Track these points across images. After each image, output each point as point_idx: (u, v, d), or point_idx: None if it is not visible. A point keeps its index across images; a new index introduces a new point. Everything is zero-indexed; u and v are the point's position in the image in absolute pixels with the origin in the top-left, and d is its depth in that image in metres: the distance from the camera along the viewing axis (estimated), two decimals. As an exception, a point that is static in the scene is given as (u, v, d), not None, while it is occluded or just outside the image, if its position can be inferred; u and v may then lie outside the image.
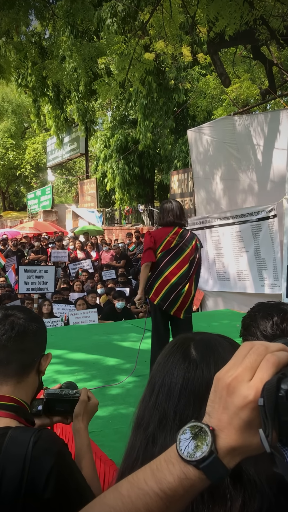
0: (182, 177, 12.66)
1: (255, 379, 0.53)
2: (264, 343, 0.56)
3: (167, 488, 0.55)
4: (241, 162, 7.03)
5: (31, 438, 0.95)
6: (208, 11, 4.21)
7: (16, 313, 1.16)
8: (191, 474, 0.54)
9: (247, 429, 0.53)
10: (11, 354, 1.10)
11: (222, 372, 0.56)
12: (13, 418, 1.05)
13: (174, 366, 0.76)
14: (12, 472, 0.92)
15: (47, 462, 0.94)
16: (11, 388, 1.09)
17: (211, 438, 0.54)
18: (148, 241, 3.53)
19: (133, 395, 3.36)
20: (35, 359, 1.16)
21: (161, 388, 0.76)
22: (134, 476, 0.59)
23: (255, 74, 11.76)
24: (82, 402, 1.23)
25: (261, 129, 6.59)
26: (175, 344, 0.81)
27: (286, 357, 0.54)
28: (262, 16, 4.55)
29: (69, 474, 0.98)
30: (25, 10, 7.04)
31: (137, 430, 0.78)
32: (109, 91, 6.83)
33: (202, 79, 13.01)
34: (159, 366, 0.79)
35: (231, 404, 0.53)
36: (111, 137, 16.66)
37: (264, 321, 1.28)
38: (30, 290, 6.20)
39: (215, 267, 7.51)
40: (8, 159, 27.59)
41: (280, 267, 6.18)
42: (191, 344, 0.78)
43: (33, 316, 1.20)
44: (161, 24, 5.61)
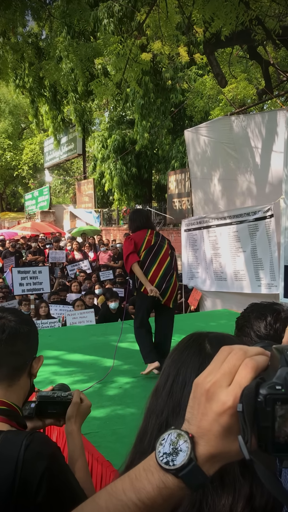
0: (180, 177, 12.67)
1: (234, 385, 0.51)
2: (243, 347, 0.55)
3: (145, 498, 0.54)
4: (239, 162, 7.03)
5: (23, 441, 0.95)
6: (204, 11, 4.21)
7: (7, 315, 1.15)
8: (170, 482, 0.53)
9: (227, 435, 0.51)
10: (2, 357, 1.09)
11: (201, 377, 0.55)
12: (5, 422, 1.04)
13: (190, 358, 0.77)
14: (4, 473, 0.91)
15: (40, 465, 0.93)
16: (2, 392, 1.08)
17: (190, 446, 0.53)
18: (128, 245, 3.82)
19: (130, 396, 3.35)
20: (27, 362, 1.15)
21: (175, 378, 0.77)
22: (112, 486, 0.58)
23: (252, 74, 11.78)
24: (74, 404, 1.23)
25: (259, 129, 6.60)
26: (190, 339, 0.82)
27: (264, 361, 0.53)
28: (258, 17, 4.55)
29: (61, 477, 0.98)
30: (21, 10, 7.04)
31: (149, 417, 0.78)
32: (106, 91, 6.84)
33: (199, 79, 13.02)
34: (173, 358, 0.80)
35: (210, 410, 0.52)
36: (109, 137, 16.66)
37: (257, 321, 1.28)
38: (26, 291, 6.20)
39: (212, 267, 7.52)
40: (5, 160, 27.55)
41: (277, 267, 6.19)
42: (205, 340, 0.80)
43: (24, 318, 1.19)
44: (157, 24, 5.61)
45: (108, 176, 16.64)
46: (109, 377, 3.72)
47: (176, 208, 12.78)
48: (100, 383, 3.58)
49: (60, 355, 4.35)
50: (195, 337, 0.82)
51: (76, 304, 6.87)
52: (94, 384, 3.54)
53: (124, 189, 16.76)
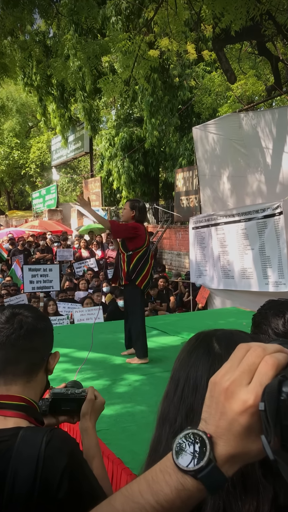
0: (187, 175, 12.62)
1: (254, 383, 0.50)
2: (261, 344, 0.53)
3: (164, 500, 0.52)
4: (248, 159, 6.98)
5: (44, 438, 0.94)
6: (214, 6, 4.17)
7: (23, 311, 1.14)
8: (189, 484, 0.52)
9: (247, 435, 0.50)
10: (20, 353, 1.09)
11: (218, 376, 0.53)
12: (23, 418, 1.03)
13: (199, 360, 0.75)
14: (25, 473, 0.91)
15: (61, 461, 0.93)
16: (20, 388, 1.07)
17: (209, 446, 0.51)
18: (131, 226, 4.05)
19: (140, 393, 3.34)
20: (44, 358, 1.15)
21: (186, 382, 0.75)
22: (128, 489, 0.56)
23: (261, 70, 11.68)
24: (89, 401, 1.22)
25: (269, 128, 6.54)
26: (197, 340, 0.80)
27: (284, 359, 0.51)
28: (268, 11, 4.50)
29: (81, 474, 0.97)
30: (29, 8, 7.04)
31: (162, 425, 0.76)
32: (113, 89, 6.81)
33: (207, 76, 12.94)
34: (182, 361, 0.78)
35: (229, 409, 0.51)
36: (116, 135, 16.63)
37: (275, 319, 1.26)
38: (36, 289, 6.22)
39: (219, 265, 7.48)
40: (13, 158, 27.64)
41: (286, 264, 6.14)
42: (213, 339, 0.77)
43: (40, 315, 1.19)
44: (165, 21, 5.58)
45: (115, 174, 16.62)
46: (118, 375, 3.72)
47: (184, 206, 12.74)
48: (109, 381, 3.58)
49: (70, 352, 4.36)
50: (202, 337, 0.79)
51: (85, 302, 6.88)
52: (78, 370, 3.54)
53: (131, 187, 16.74)
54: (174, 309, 8.34)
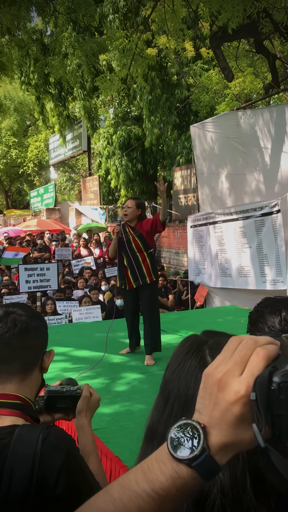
0: (185, 173, 12.62)
1: (246, 373, 0.52)
2: (253, 337, 0.55)
3: (159, 488, 0.54)
4: (247, 157, 6.98)
5: (40, 435, 0.95)
6: (211, 4, 4.16)
7: (17, 310, 1.14)
8: (184, 473, 0.53)
9: (239, 424, 0.52)
10: (15, 351, 1.09)
11: (212, 367, 0.55)
12: (19, 416, 1.04)
13: (190, 376, 0.73)
14: (22, 472, 0.91)
15: (57, 459, 0.93)
16: (15, 386, 1.08)
17: (203, 436, 0.53)
18: None
19: (138, 391, 3.35)
20: (39, 356, 1.15)
21: (176, 399, 0.73)
22: (125, 478, 0.58)
23: (258, 68, 11.68)
24: (85, 398, 1.23)
25: (266, 124, 6.54)
26: (190, 350, 0.77)
27: (275, 350, 0.53)
28: (265, 9, 4.49)
29: (78, 470, 0.98)
30: (26, 6, 7.02)
31: (150, 442, 0.75)
32: (111, 87, 6.80)
33: (204, 74, 12.93)
34: (174, 373, 0.76)
35: (222, 400, 0.52)
36: (114, 134, 16.61)
37: (272, 317, 1.26)
38: (32, 288, 6.19)
39: (217, 263, 7.48)
40: (10, 157, 27.57)
41: (284, 263, 6.14)
42: (206, 351, 0.75)
43: (34, 313, 1.19)
44: (163, 18, 5.57)
45: (114, 172, 16.60)
46: (117, 373, 3.72)
47: (182, 204, 12.74)
48: (108, 379, 3.58)
49: (68, 351, 4.36)
50: (194, 347, 0.77)
51: (84, 301, 6.88)
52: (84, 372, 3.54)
53: (130, 185, 16.73)
54: (173, 307, 8.35)
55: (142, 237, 3.99)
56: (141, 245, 3.97)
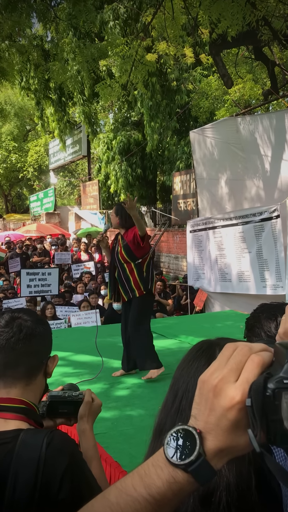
0: (185, 178, 12.66)
1: (241, 380, 0.53)
2: (247, 344, 0.56)
3: (156, 493, 0.55)
4: (246, 162, 7.01)
5: (44, 440, 0.96)
6: (210, 12, 4.21)
7: (22, 315, 1.16)
8: (180, 477, 0.54)
9: (234, 430, 0.53)
10: (20, 356, 1.10)
11: (207, 374, 0.56)
12: (23, 420, 1.05)
13: (199, 371, 0.72)
14: (26, 476, 0.92)
15: (61, 463, 0.94)
16: (20, 391, 1.09)
17: (199, 441, 0.54)
18: None
19: (138, 396, 3.35)
20: (43, 361, 1.16)
21: (184, 394, 0.74)
22: (122, 483, 0.59)
23: (257, 75, 11.75)
24: (87, 403, 1.24)
25: (266, 131, 6.58)
26: (200, 349, 0.79)
27: (270, 357, 0.55)
28: (264, 17, 4.54)
29: (82, 475, 0.99)
30: (27, 13, 7.07)
31: (158, 437, 0.76)
32: (111, 93, 6.84)
33: (204, 80, 13.01)
34: (183, 371, 0.77)
35: (218, 406, 0.53)
36: (113, 139, 16.68)
37: (268, 322, 1.28)
38: (33, 292, 6.20)
39: (217, 268, 7.50)
40: (10, 161, 27.65)
41: (283, 268, 6.15)
42: (216, 349, 0.76)
43: (39, 319, 1.20)
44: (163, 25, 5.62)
45: (113, 177, 16.66)
46: (117, 378, 3.72)
47: (181, 209, 12.77)
48: (108, 384, 3.58)
49: (67, 356, 4.36)
50: (205, 347, 0.79)
51: (82, 305, 6.88)
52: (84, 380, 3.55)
53: (129, 190, 16.78)
54: (172, 312, 8.35)
55: (127, 247, 3.75)
56: (126, 256, 3.74)
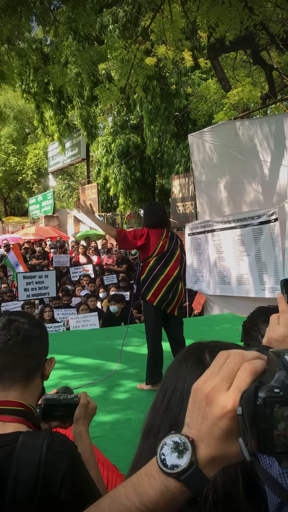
0: (183, 182, 12.68)
1: (233, 388, 0.53)
2: (240, 351, 0.57)
3: (148, 502, 0.55)
4: (245, 165, 7.03)
5: (44, 442, 0.96)
6: (208, 17, 4.23)
7: (19, 318, 1.17)
8: (172, 486, 0.54)
9: (227, 438, 0.53)
10: (18, 359, 1.11)
11: (200, 382, 0.56)
12: (22, 422, 1.05)
13: (187, 371, 0.75)
14: (26, 477, 0.92)
15: (62, 464, 0.95)
16: (18, 393, 1.09)
17: (191, 449, 0.54)
18: (140, 234, 3.62)
19: (136, 400, 3.35)
20: (40, 364, 1.17)
21: (173, 393, 0.74)
22: (115, 492, 0.59)
23: (256, 78, 11.80)
24: (82, 405, 1.24)
25: (265, 136, 6.60)
26: (189, 350, 0.79)
27: (262, 366, 0.54)
28: (262, 22, 4.57)
29: (81, 476, 1.00)
30: (27, 16, 7.10)
31: (147, 437, 0.76)
32: (110, 96, 6.86)
33: (202, 83, 13.06)
34: (171, 371, 0.78)
35: (210, 414, 0.54)
36: (112, 142, 16.72)
37: (265, 325, 1.28)
38: (31, 296, 6.19)
39: (216, 271, 7.50)
40: (9, 164, 27.68)
41: (281, 271, 6.17)
42: (205, 350, 0.77)
43: (36, 321, 1.21)
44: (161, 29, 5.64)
45: (112, 180, 16.69)
46: (115, 381, 3.72)
47: (180, 212, 12.79)
48: (106, 387, 3.58)
49: (66, 359, 4.36)
50: (193, 348, 0.79)
51: (81, 308, 6.88)
52: (95, 382, 3.54)
53: (128, 193, 16.81)
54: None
55: None
56: None
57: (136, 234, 3.63)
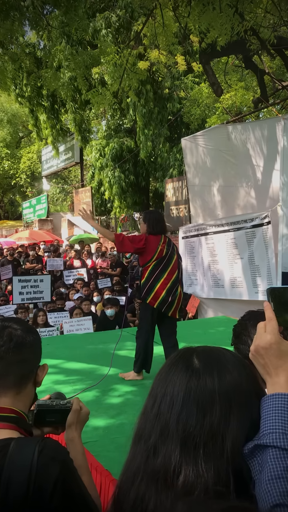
0: (177, 185, 12.72)
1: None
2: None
3: None
4: (238, 168, 7.07)
5: (36, 448, 0.96)
6: (200, 22, 4.27)
7: (12, 324, 1.16)
8: None
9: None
10: (10, 365, 1.10)
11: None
12: (14, 429, 1.05)
13: (177, 375, 0.76)
14: (19, 481, 0.92)
15: (54, 470, 0.94)
16: (10, 400, 1.09)
17: None
18: (138, 239, 3.78)
19: (129, 404, 3.34)
20: (33, 370, 1.17)
21: (163, 398, 0.75)
22: None
23: (248, 83, 11.90)
24: (75, 411, 1.24)
25: (257, 140, 6.65)
26: (177, 355, 0.80)
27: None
28: (253, 27, 4.61)
29: (73, 482, 0.99)
30: (20, 21, 7.11)
31: (137, 442, 0.77)
32: (103, 101, 6.88)
33: (195, 87, 13.14)
34: (161, 376, 0.79)
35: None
36: (106, 146, 16.75)
37: (254, 329, 1.29)
38: (25, 300, 6.17)
39: (209, 274, 7.53)
40: (3, 168, 27.61)
41: (274, 274, 6.20)
42: (193, 354, 0.78)
43: (29, 328, 1.21)
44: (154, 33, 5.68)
45: (107, 184, 16.71)
46: (108, 386, 3.71)
47: (174, 216, 12.82)
48: (99, 392, 3.57)
49: (59, 363, 4.34)
50: (182, 353, 0.80)
51: (75, 313, 6.85)
52: (87, 388, 3.53)
53: (123, 196, 16.84)
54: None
55: None
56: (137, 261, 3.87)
57: (135, 238, 3.80)
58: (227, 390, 0.73)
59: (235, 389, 0.74)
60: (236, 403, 0.73)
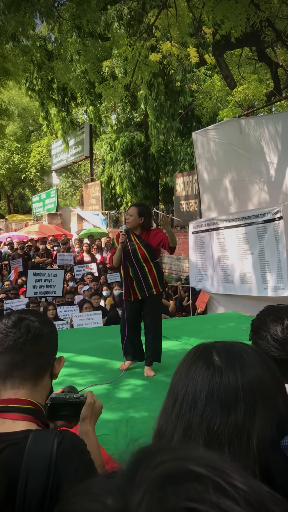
0: (187, 180, 12.65)
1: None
2: None
3: None
4: (251, 162, 6.99)
5: (55, 439, 0.97)
6: (214, 13, 4.20)
7: (29, 316, 1.17)
8: None
9: None
10: (28, 357, 1.11)
11: None
12: (31, 421, 1.05)
13: (198, 374, 0.74)
14: (38, 473, 0.93)
15: (73, 462, 0.96)
16: (28, 392, 1.09)
17: None
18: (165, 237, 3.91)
19: (140, 398, 3.34)
20: (50, 362, 1.17)
21: (184, 397, 0.73)
22: None
23: (261, 75, 11.75)
24: (89, 404, 1.24)
25: (271, 134, 6.56)
26: (196, 352, 0.78)
27: None
28: (268, 18, 4.53)
29: (92, 474, 0.99)
30: (31, 13, 7.08)
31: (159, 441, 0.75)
32: (114, 94, 6.84)
33: (208, 79, 13.01)
34: (181, 375, 0.77)
35: None
36: (116, 140, 16.70)
37: (274, 325, 1.26)
38: (38, 293, 6.19)
39: (219, 270, 7.48)
40: (13, 162, 27.70)
41: (285, 269, 6.14)
42: (213, 351, 0.76)
43: (46, 320, 1.21)
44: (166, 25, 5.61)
45: (117, 179, 16.68)
46: (120, 379, 3.71)
47: (184, 210, 12.76)
48: (111, 385, 3.57)
49: (70, 357, 4.35)
50: (201, 350, 0.78)
51: (84, 307, 6.87)
52: (104, 384, 3.53)
53: (133, 191, 16.81)
54: (174, 313, 8.33)
55: (148, 246, 3.78)
56: (148, 255, 3.76)
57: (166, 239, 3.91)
58: (251, 386, 0.72)
59: (259, 384, 0.72)
60: (260, 399, 0.71)
